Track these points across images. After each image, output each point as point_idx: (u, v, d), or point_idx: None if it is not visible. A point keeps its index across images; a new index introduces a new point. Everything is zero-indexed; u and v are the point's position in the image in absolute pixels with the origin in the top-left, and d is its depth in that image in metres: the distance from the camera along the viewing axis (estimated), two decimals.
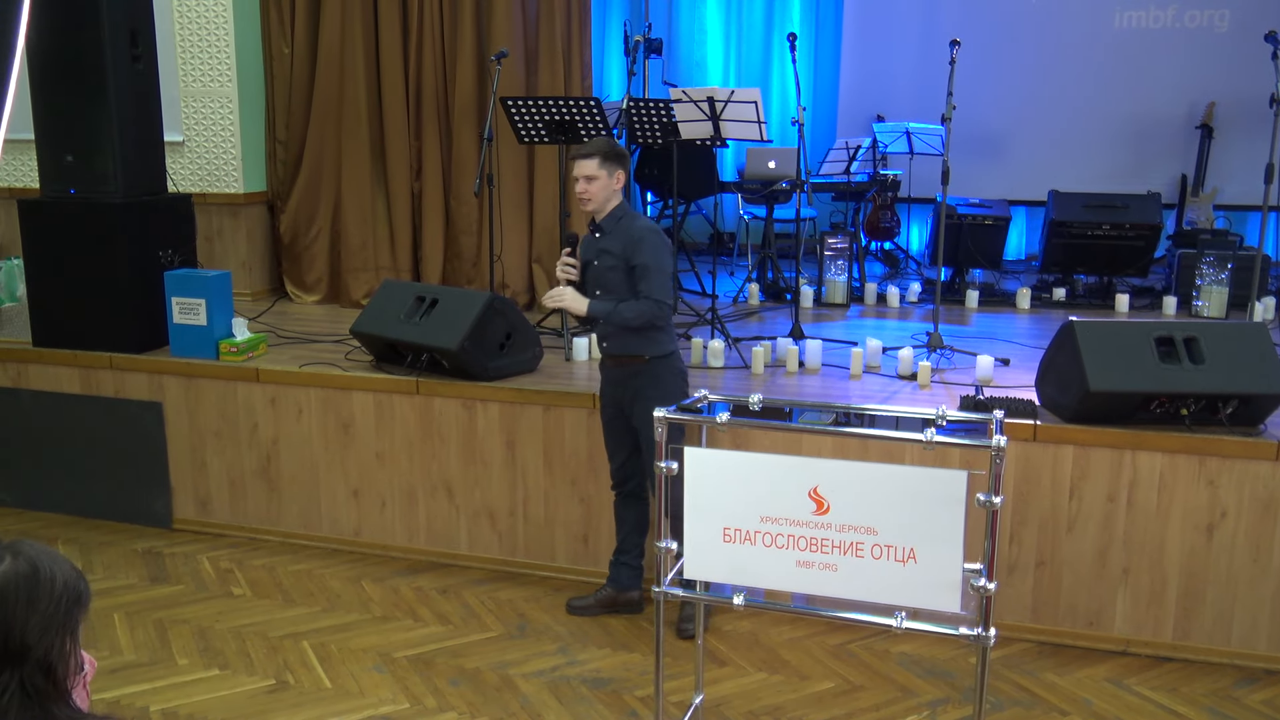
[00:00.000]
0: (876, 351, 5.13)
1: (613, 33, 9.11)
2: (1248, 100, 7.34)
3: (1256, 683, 3.81)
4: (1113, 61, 8.09)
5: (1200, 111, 7.87)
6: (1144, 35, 8.04)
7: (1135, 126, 8.10)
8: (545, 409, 4.56)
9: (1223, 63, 7.79)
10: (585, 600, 4.32)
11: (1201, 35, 7.94)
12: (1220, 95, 7.79)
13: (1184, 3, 7.94)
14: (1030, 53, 8.22)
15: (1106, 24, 8.10)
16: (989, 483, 2.67)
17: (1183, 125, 8.00)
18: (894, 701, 3.68)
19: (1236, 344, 3.95)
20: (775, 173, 7.02)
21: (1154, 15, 8.01)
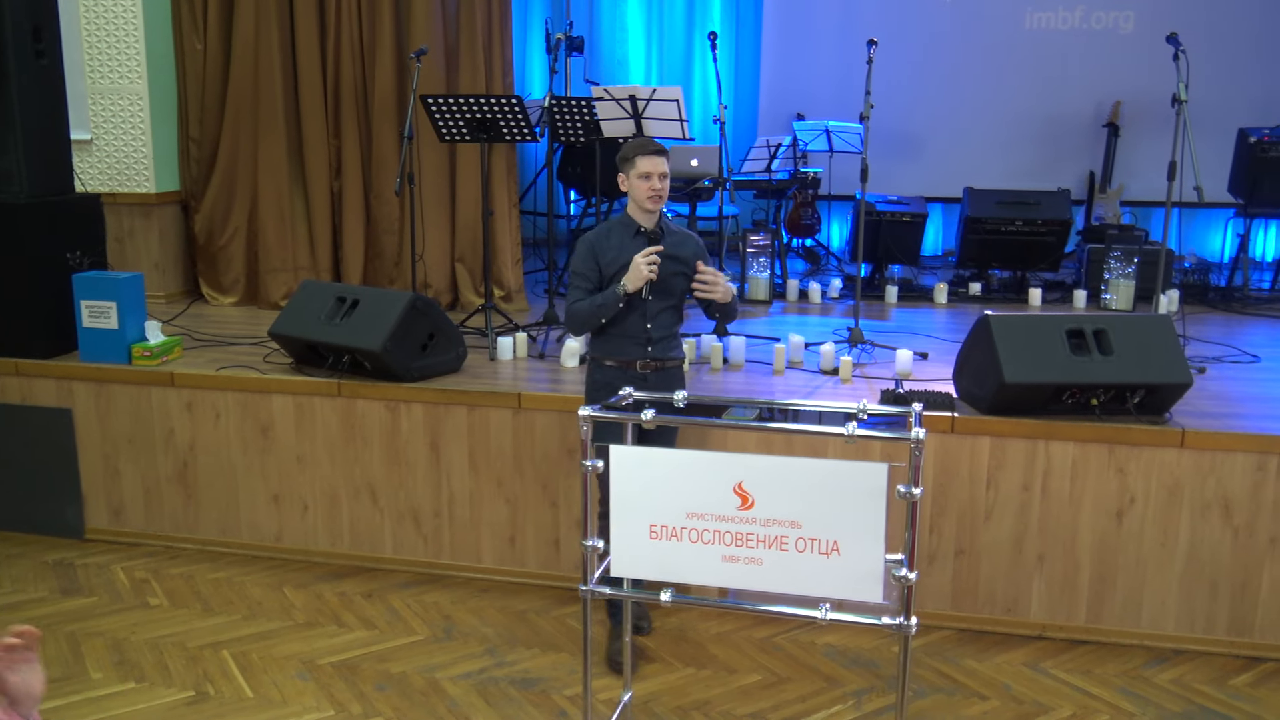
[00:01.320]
0: (799, 347, 5.20)
1: (534, 31, 9.08)
2: (1151, 100, 7.59)
3: (1165, 662, 3.95)
4: (1024, 61, 8.30)
5: (1107, 110, 8.12)
6: (1053, 36, 8.26)
7: (1046, 125, 8.32)
8: (470, 409, 4.52)
9: (1128, 63, 8.05)
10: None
11: (1107, 36, 8.19)
12: (1126, 95, 8.05)
13: (1091, 4, 8.18)
14: (945, 52, 8.40)
15: (1018, 25, 8.31)
16: (909, 474, 2.72)
17: (1090, 124, 8.25)
18: (820, 692, 3.73)
19: (1143, 336, 4.09)
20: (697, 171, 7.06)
21: (1062, 16, 8.24)
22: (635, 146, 3.67)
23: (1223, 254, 7.81)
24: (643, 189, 3.64)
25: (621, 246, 3.71)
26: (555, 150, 7.12)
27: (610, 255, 3.71)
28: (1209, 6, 7.98)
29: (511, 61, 6.35)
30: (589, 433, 2.93)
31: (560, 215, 8.55)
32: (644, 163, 3.63)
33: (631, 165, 3.65)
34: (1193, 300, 6.70)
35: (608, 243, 3.73)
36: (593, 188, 6.85)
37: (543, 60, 8.85)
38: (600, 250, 3.72)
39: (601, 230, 3.78)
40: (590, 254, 3.73)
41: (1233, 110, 7.71)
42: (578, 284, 3.75)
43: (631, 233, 3.73)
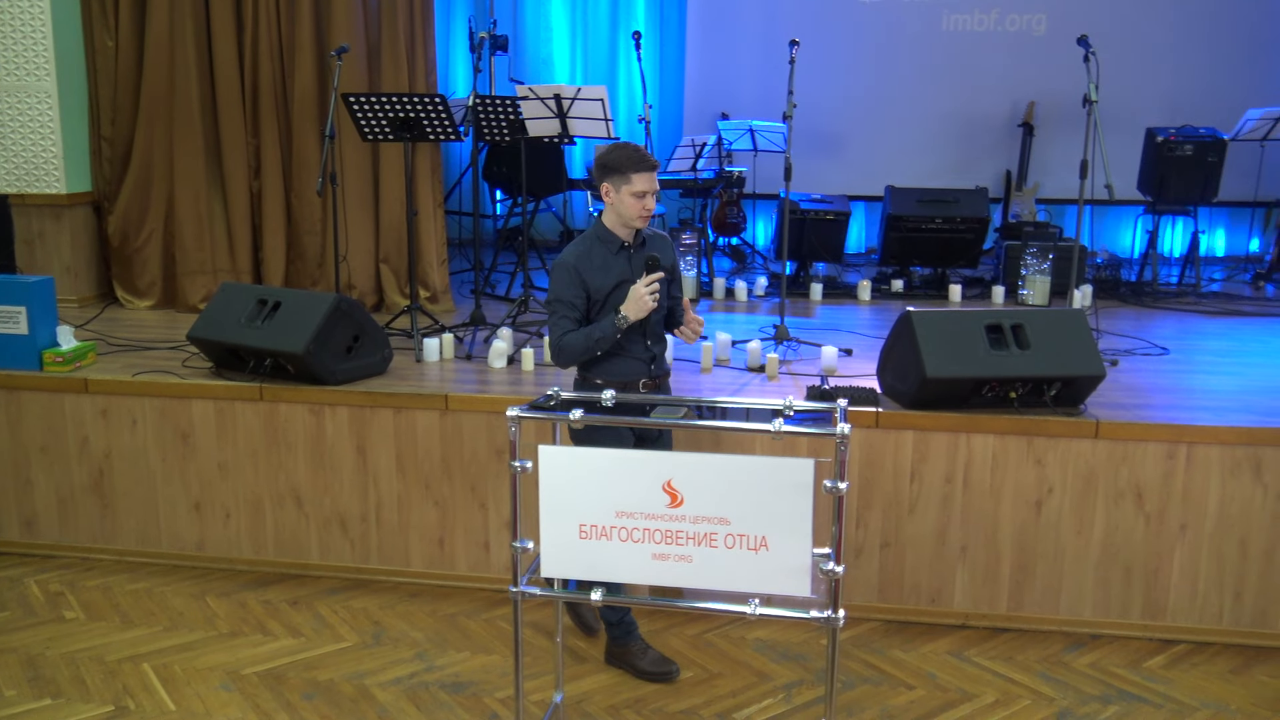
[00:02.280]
0: (726, 345, 5.24)
1: (457, 29, 9.01)
2: (1064, 100, 7.80)
3: (1083, 647, 4.06)
4: (942, 62, 8.47)
5: (1022, 110, 8.32)
6: (969, 37, 8.44)
7: (964, 124, 8.50)
8: (396, 412, 4.48)
9: (1041, 64, 8.26)
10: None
11: (1021, 38, 8.39)
12: (1039, 95, 8.26)
13: (1005, 6, 8.38)
14: (866, 53, 8.53)
15: (935, 26, 8.47)
16: (835, 469, 2.76)
17: (1006, 123, 8.44)
18: (751, 687, 3.76)
19: (1058, 330, 4.20)
20: None
21: (978, 18, 8.43)
22: (631, 160, 3.38)
23: (1133, 249, 8.07)
24: (635, 207, 3.41)
25: (606, 266, 3.48)
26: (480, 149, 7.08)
27: (597, 278, 3.46)
28: (1118, 10, 8.23)
29: (434, 60, 6.29)
30: (517, 433, 2.92)
31: (486, 215, 8.49)
32: (641, 180, 3.38)
33: (625, 180, 3.38)
34: (1105, 295, 6.90)
35: (590, 263, 3.46)
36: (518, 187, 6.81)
37: (466, 59, 8.78)
38: (585, 272, 3.45)
39: (579, 250, 3.48)
40: (574, 279, 3.44)
41: (1141, 110, 7.96)
42: (564, 313, 3.45)
43: (614, 249, 3.49)
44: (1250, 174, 7.74)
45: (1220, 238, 8.63)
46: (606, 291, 3.48)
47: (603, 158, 3.45)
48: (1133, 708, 3.65)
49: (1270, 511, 3.99)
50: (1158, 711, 3.63)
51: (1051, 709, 3.65)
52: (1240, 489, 3.99)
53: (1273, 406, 4.30)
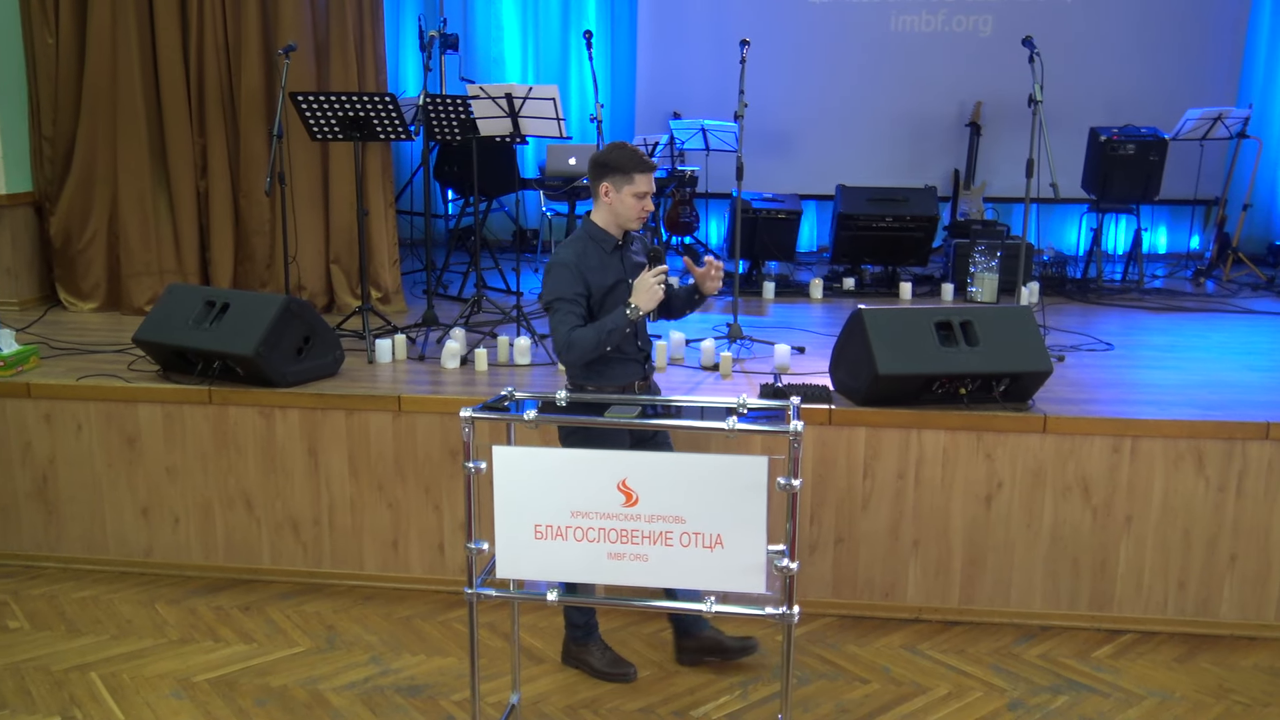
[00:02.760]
0: (679, 344, 5.25)
1: (407, 28, 8.94)
2: (1010, 100, 7.90)
3: (1033, 639, 4.13)
4: (891, 63, 8.56)
5: (969, 110, 8.43)
6: (917, 38, 8.54)
7: (913, 124, 8.60)
8: (348, 414, 4.43)
9: (987, 65, 8.38)
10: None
11: (968, 39, 8.50)
12: (986, 95, 8.38)
13: (952, 8, 8.48)
14: (817, 53, 8.60)
15: (884, 26, 8.56)
16: (788, 466, 2.78)
17: (954, 123, 8.55)
18: (708, 684, 3.78)
19: (1006, 326, 4.26)
20: (576, 169, 7.07)
21: (925, 19, 8.53)
22: (633, 160, 3.39)
23: (1078, 247, 8.20)
24: (635, 207, 3.42)
25: (604, 265, 3.47)
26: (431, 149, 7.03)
27: (595, 277, 3.44)
28: (1062, 12, 8.37)
29: (384, 59, 6.24)
30: (470, 434, 2.91)
31: (438, 215, 8.44)
32: (643, 180, 3.40)
33: (628, 180, 3.39)
34: (1051, 292, 7.02)
35: (588, 262, 3.44)
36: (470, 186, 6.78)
37: (417, 58, 8.72)
38: (586, 272, 3.42)
39: (575, 249, 3.45)
40: (577, 276, 3.40)
41: (1085, 110, 8.11)
42: (569, 310, 3.40)
43: (609, 248, 3.49)
44: (1190, 173, 7.91)
45: (1162, 235, 8.81)
46: (605, 291, 3.46)
47: (603, 157, 3.44)
48: (1081, 697, 3.72)
49: (1212, 502, 4.08)
50: (1105, 700, 3.70)
51: (1003, 700, 3.70)
52: (1183, 481, 4.08)
53: (1214, 400, 4.40)
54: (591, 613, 3.82)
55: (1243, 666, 3.93)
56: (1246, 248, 8.05)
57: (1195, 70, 8.40)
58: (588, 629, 3.84)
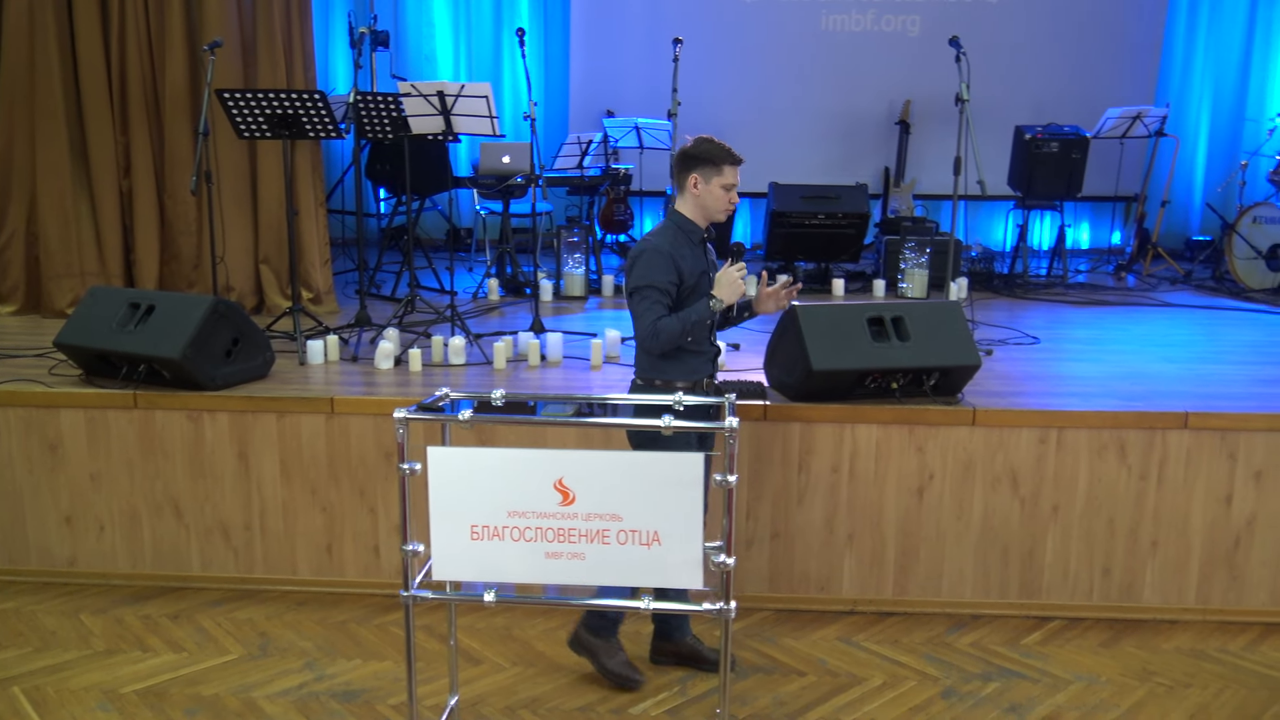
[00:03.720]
0: (615, 342, 5.26)
1: (337, 24, 8.82)
2: (937, 99, 8.03)
3: (964, 628, 4.21)
4: (822, 61, 8.64)
5: (899, 109, 8.55)
6: (847, 37, 8.64)
7: (844, 122, 8.69)
8: (279, 416, 4.36)
9: (916, 64, 8.50)
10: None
11: (896, 38, 8.62)
12: (915, 94, 8.50)
13: (881, 7, 8.60)
14: (749, 52, 8.65)
15: (814, 25, 8.65)
16: (724, 462, 2.80)
17: (884, 121, 8.67)
18: (646, 681, 3.78)
19: (936, 321, 4.34)
20: (509, 167, 7.03)
21: (855, 18, 8.63)
22: (724, 152, 3.43)
23: (1004, 243, 8.37)
24: (723, 199, 3.45)
25: (694, 256, 3.47)
26: (362, 147, 6.95)
27: (687, 265, 3.43)
28: (987, 12, 8.53)
29: (313, 55, 6.15)
30: (405, 435, 2.88)
31: (369, 214, 8.33)
32: (731, 173, 3.43)
33: (717, 172, 3.42)
34: (979, 287, 7.15)
35: (680, 252, 3.43)
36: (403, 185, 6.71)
37: (346, 55, 8.60)
38: (678, 262, 3.41)
39: (666, 239, 3.44)
40: (671, 265, 3.39)
41: (1010, 109, 8.26)
42: (658, 299, 3.38)
43: (695, 239, 3.50)
44: (1111, 170, 8.11)
45: (1084, 231, 9.03)
46: (695, 279, 3.46)
47: (692, 149, 3.46)
48: (1012, 684, 3.80)
49: (1134, 491, 4.19)
50: (1035, 686, 3.79)
51: (936, 689, 3.77)
52: (1107, 470, 4.19)
53: (1135, 391, 4.53)
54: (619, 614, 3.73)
55: (1165, 649, 4.05)
56: (1165, 243, 8.28)
57: (1115, 70, 8.62)
58: (613, 621, 3.74)
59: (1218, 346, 5.58)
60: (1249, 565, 4.22)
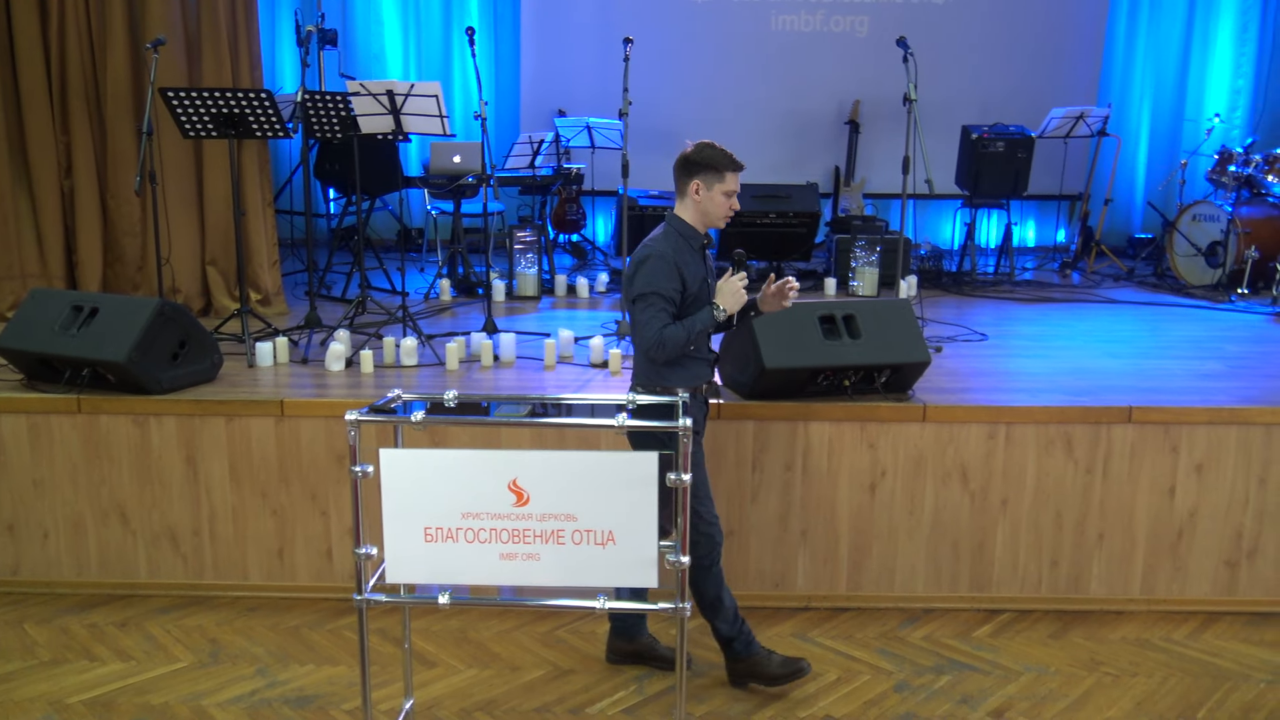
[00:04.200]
0: (569, 342, 5.25)
1: (283, 22, 8.71)
2: (886, 99, 8.10)
3: (916, 621, 4.26)
4: (772, 61, 8.69)
5: (848, 109, 8.63)
6: (797, 38, 8.69)
7: (794, 121, 8.75)
8: (228, 420, 4.30)
9: (864, 64, 8.58)
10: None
11: (845, 39, 8.69)
12: (864, 94, 8.58)
13: (830, 8, 8.66)
14: (700, 51, 8.67)
15: (765, 26, 8.69)
16: (677, 461, 2.81)
17: (834, 121, 8.74)
18: (603, 680, 3.79)
19: (887, 319, 4.38)
20: (460, 167, 6.99)
21: (805, 19, 8.69)
22: (726, 159, 3.42)
23: (953, 241, 8.48)
24: (724, 205, 3.44)
25: (695, 262, 3.46)
26: (311, 147, 6.87)
27: (690, 272, 3.42)
28: (934, 13, 8.63)
29: (259, 54, 6.06)
30: (356, 437, 2.86)
31: (319, 214, 8.25)
32: (733, 179, 3.43)
33: (719, 178, 3.41)
34: (928, 285, 7.24)
35: (683, 259, 3.41)
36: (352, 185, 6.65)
37: (294, 53, 8.49)
38: (682, 269, 3.39)
39: (669, 245, 3.41)
40: (675, 273, 3.37)
41: (957, 109, 8.37)
42: (663, 306, 3.36)
43: (696, 245, 3.48)
44: (1055, 169, 8.25)
45: (1030, 229, 9.17)
46: (697, 286, 3.44)
47: (694, 155, 3.43)
48: (963, 676, 3.85)
49: (1080, 484, 4.27)
50: (986, 678, 3.84)
51: (889, 682, 3.81)
52: (1054, 464, 4.26)
53: (1080, 386, 4.61)
54: (737, 619, 3.66)
55: (1111, 639, 4.13)
56: (1108, 240, 8.44)
57: (1059, 71, 8.76)
58: (744, 640, 3.68)
59: (1160, 342, 5.70)
60: (1191, 556, 4.32)
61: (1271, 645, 4.09)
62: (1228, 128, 8.77)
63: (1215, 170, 7.53)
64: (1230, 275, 7.03)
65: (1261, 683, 3.82)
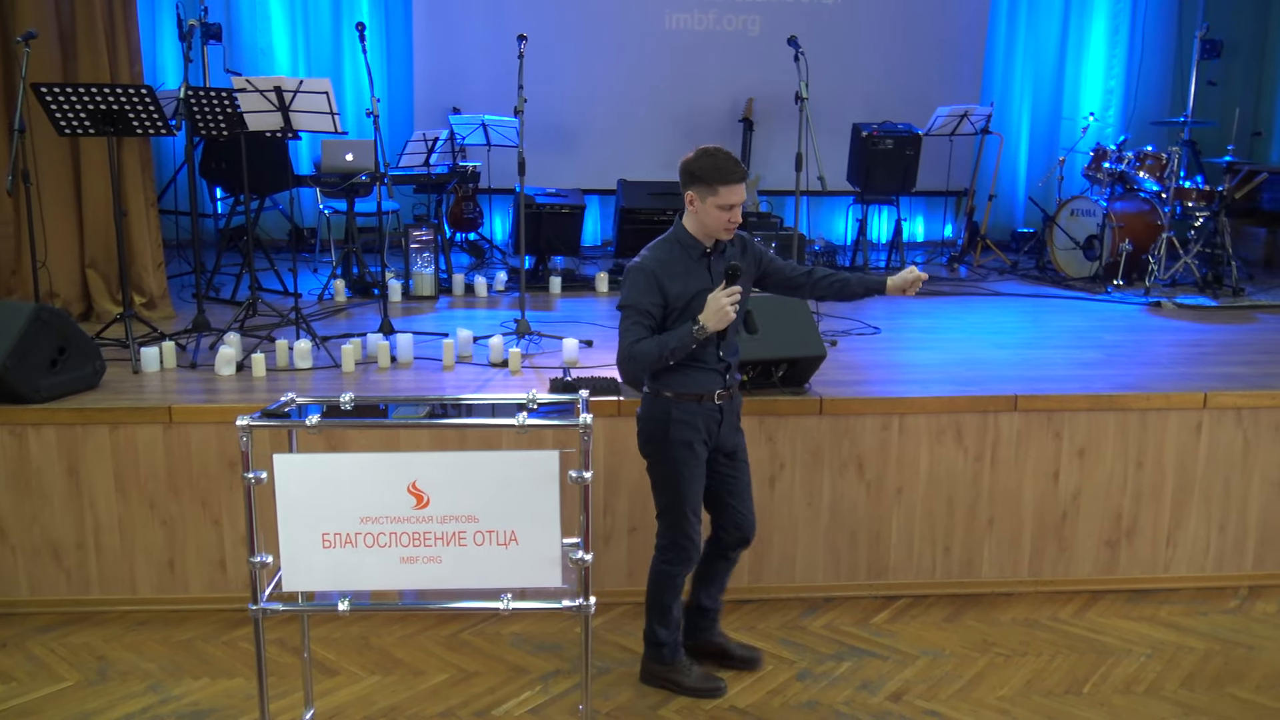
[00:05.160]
0: (467, 341, 5.20)
1: (164, 16, 8.42)
2: (778, 97, 8.23)
3: (817, 611, 4.34)
4: (667, 59, 8.75)
5: (742, 106, 8.74)
6: (691, 36, 8.77)
7: (690, 119, 8.82)
8: (113, 428, 4.15)
9: (757, 63, 8.70)
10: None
11: (738, 38, 8.80)
12: (757, 92, 8.70)
13: (722, 7, 8.76)
14: (595, 49, 8.68)
15: (659, 24, 8.74)
16: (580, 459, 2.81)
17: (728, 119, 8.84)
18: (508, 682, 3.77)
19: (783, 314, 4.45)
20: (353, 165, 6.87)
21: (698, 18, 8.77)
22: (718, 171, 3.24)
23: (846, 237, 8.66)
24: (720, 219, 3.26)
25: (689, 272, 3.31)
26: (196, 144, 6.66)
27: (677, 285, 3.29)
28: (823, 13, 8.80)
29: (139, 48, 5.86)
30: (249, 443, 2.79)
31: (205, 214, 8.00)
32: (728, 193, 3.22)
33: (711, 192, 3.23)
34: None
35: (671, 270, 3.29)
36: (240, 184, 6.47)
37: (176, 48, 8.22)
38: (665, 279, 3.27)
39: (659, 254, 3.31)
40: (653, 286, 3.26)
41: (848, 107, 8.55)
42: (638, 320, 3.26)
43: (696, 255, 3.33)
44: (942, 166, 8.49)
45: (920, 224, 9.43)
46: (687, 299, 3.29)
47: (689, 164, 3.30)
48: (863, 662, 3.95)
49: (970, 471, 4.41)
50: (884, 663, 3.94)
51: (792, 671, 3.88)
52: (945, 453, 4.39)
53: (969, 377, 4.76)
54: (676, 628, 3.65)
55: (1002, 621, 4.28)
56: (993, 235, 8.73)
57: (944, 70, 9.02)
58: (673, 647, 3.67)
59: (1042, 332, 5.92)
60: (1076, 537, 4.49)
61: (1149, 620, 4.29)
62: (1102, 126, 9.16)
63: (1091, 167, 7.85)
64: (1106, 267, 7.34)
65: (1142, 656, 4.01)
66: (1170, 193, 7.32)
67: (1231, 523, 4.54)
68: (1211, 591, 4.53)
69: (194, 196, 5.89)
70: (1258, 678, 3.86)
